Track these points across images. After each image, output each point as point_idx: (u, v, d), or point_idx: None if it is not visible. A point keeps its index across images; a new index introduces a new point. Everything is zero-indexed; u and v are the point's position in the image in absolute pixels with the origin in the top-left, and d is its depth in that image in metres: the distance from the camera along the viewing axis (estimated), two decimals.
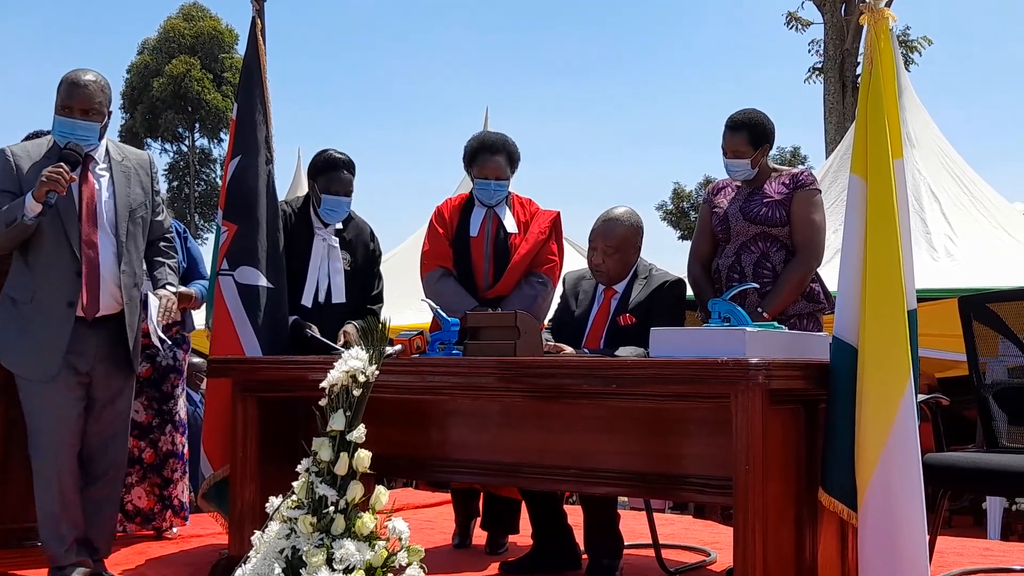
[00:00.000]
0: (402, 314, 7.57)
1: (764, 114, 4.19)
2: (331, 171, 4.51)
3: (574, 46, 57.04)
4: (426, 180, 52.20)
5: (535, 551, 4.24)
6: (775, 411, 2.80)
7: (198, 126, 36.48)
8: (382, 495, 3.08)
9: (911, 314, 2.89)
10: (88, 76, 3.82)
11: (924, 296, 6.90)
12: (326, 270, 4.52)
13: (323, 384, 3.09)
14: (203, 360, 5.45)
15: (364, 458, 3.04)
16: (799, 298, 4.06)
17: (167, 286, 3.98)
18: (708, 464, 3.10)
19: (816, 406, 2.99)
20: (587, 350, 3.98)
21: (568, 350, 3.84)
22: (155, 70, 35.01)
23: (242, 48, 4.75)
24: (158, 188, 4.06)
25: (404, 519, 3.09)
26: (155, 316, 3.84)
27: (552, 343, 3.91)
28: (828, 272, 4.09)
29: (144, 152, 4.06)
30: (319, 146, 4.66)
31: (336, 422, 3.05)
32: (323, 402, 3.11)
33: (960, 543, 4.97)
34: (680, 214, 31.07)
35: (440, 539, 4.93)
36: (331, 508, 3.01)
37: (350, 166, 4.56)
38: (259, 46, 4.43)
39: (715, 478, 3.06)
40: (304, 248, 4.49)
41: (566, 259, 4.82)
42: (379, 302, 4.69)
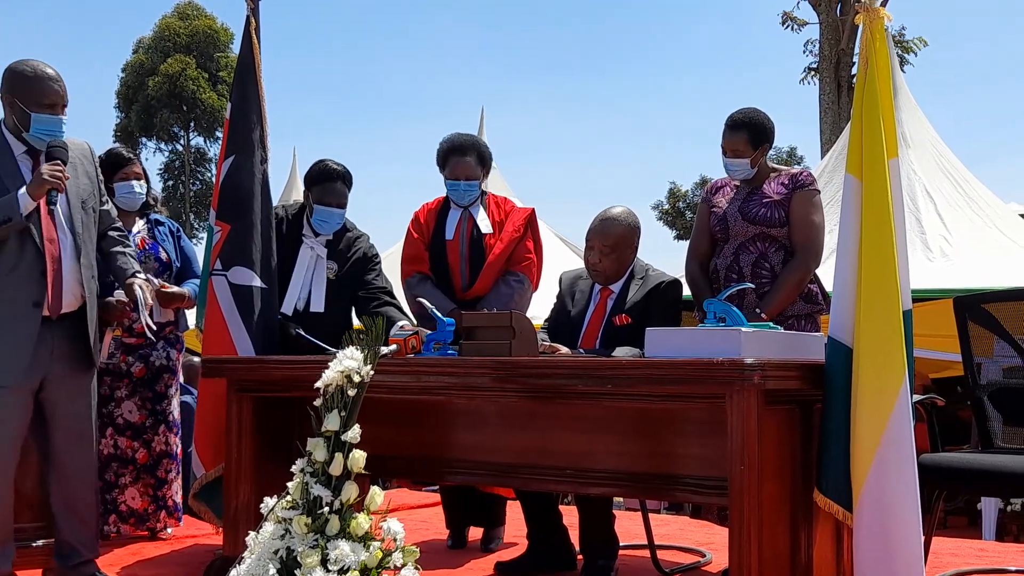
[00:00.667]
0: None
1: (764, 114, 4.18)
2: (325, 182, 4.51)
3: (570, 45, 57.10)
4: (422, 179, 52.27)
5: (530, 551, 4.23)
6: (770, 412, 2.79)
7: (193, 125, 36.43)
8: (377, 496, 3.07)
9: (906, 314, 2.89)
10: (51, 70, 3.75)
11: (919, 296, 6.90)
12: (309, 279, 4.50)
13: (318, 384, 3.08)
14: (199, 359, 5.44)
15: (359, 458, 3.03)
16: (797, 299, 4.06)
17: (136, 274, 3.93)
18: (704, 464, 3.09)
19: (812, 407, 2.99)
20: (583, 350, 3.98)
21: (564, 350, 3.84)
22: (150, 69, 34.95)
23: (237, 47, 4.74)
24: (101, 176, 4.01)
25: (399, 520, 3.08)
26: (143, 307, 3.81)
27: (548, 343, 3.90)
28: (824, 272, 4.09)
29: (82, 140, 3.95)
30: (314, 145, 4.72)
31: (331, 422, 3.04)
32: (318, 402, 3.10)
33: (955, 544, 4.97)
34: (676, 214, 31.11)
35: (435, 539, 4.93)
36: (326, 509, 3.00)
37: (345, 178, 4.54)
38: (253, 45, 4.42)
39: (710, 478, 3.05)
40: (292, 255, 4.48)
41: (560, 258, 4.83)
42: (393, 295, 4.67)
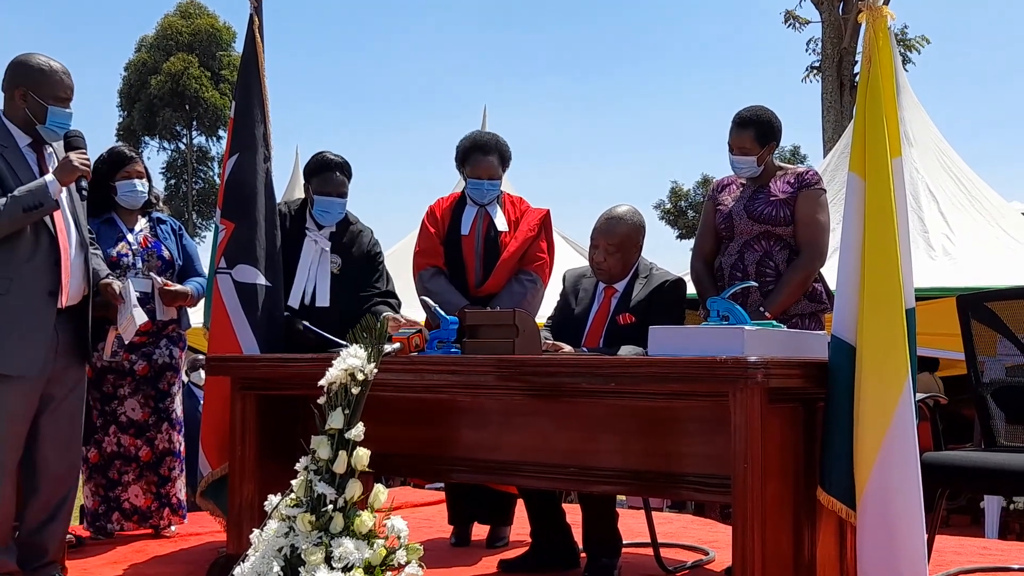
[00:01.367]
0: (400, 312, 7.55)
1: (772, 112, 4.18)
2: (324, 172, 4.53)
3: (572, 45, 57.08)
4: (424, 178, 52.26)
5: (534, 549, 4.23)
6: (774, 410, 2.80)
7: (195, 124, 36.48)
8: (381, 493, 3.08)
9: (909, 312, 2.89)
10: (61, 65, 3.79)
11: (922, 295, 6.88)
12: (314, 273, 4.53)
13: (322, 382, 3.08)
14: (202, 356, 5.46)
15: (363, 456, 3.03)
16: (801, 298, 4.06)
17: (108, 275, 4.07)
18: (707, 463, 3.09)
19: (815, 405, 2.99)
20: (586, 349, 3.98)
21: (567, 349, 3.84)
22: (152, 68, 35.00)
23: (240, 46, 4.75)
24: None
25: (403, 517, 3.09)
26: (132, 300, 3.84)
27: (551, 341, 3.91)
28: (827, 270, 4.09)
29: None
30: (317, 144, 4.76)
31: (335, 420, 3.05)
32: (322, 400, 3.11)
33: (958, 542, 4.97)
34: (678, 213, 31.12)
35: (439, 537, 4.93)
36: (330, 506, 3.01)
37: (344, 168, 4.56)
38: (257, 43, 4.42)
39: (714, 477, 3.05)
40: (296, 250, 4.49)
41: (564, 257, 4.84)
42: (392, 295, 4.70)
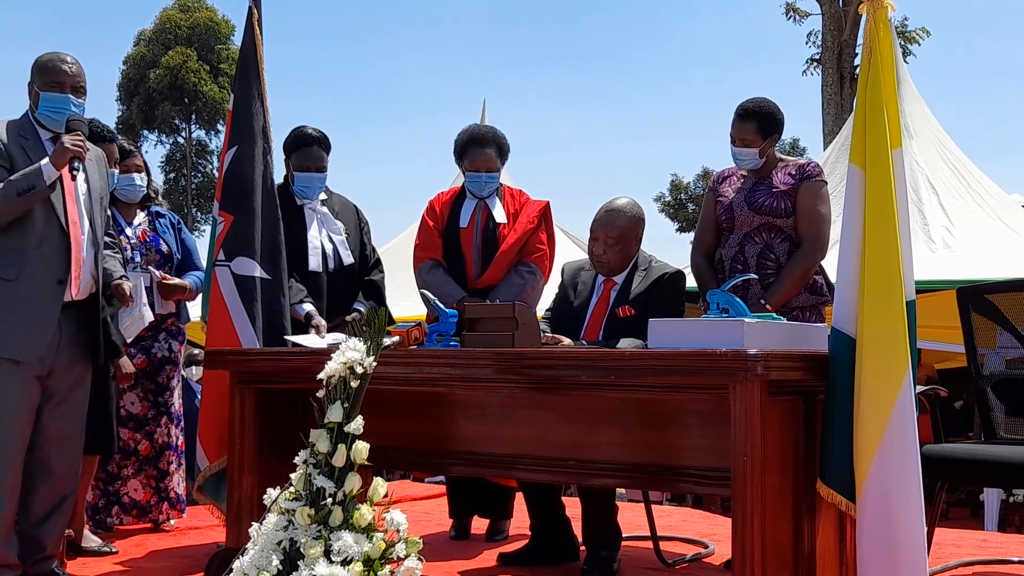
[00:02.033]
0: (399, 306, 7.57)
1: (774, 104, 4.17)
2: (304, 147, 4.60)
3: (572, 38, 57.00)
4: (424, 173, 52.21)
5: (533, 542, 4.23)
6: (774, 402, 2.79)
7: (194, 118, 36.44)
8: (380, 487, 3.07)
9: (910, 305, 2.88)
10: (68, 57, 3.83)
11: (922, 288, 6.86)
12: (326, 235, 4.61)
13: (321, 375, 3.08)
14: (200, 351, 5.45)
15: (362, 450, 3.03)
16: (802, 290, 4.06)
17: (123, 277, 4.05)
18: (706, 455, 3.08)
19: (815, 397, 2.98)
20: (585, 342, 3.97)
21: (566, 341, 3.83)
22: (151, 61, 34.96)
23: (239, 39, 4.74)
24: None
25: (402, 511, 3.08)
26: (142, 299, 3.83)
27: (550, 334, 3.90)
28: (828, 263, 4.09)
29: (97, 147, 4.02)
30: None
31: (334, 414, 3.04)
32: (321, 393, 3.10)
33: (957, 535, 4.98)
34: (678, 206, 31.09)
35: (438, 530, 4.93)
36: (329, 500, 3.00)
37: (322, 142, 4.63)
38: (256, 36, 4.41)
39: (713, 469, 3.04)
40: (297, 222, 4.53)
41: (563, 250, 4.84)
42: (379, 269, 4.80)
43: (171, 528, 4.86)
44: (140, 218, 4.79)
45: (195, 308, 4.99)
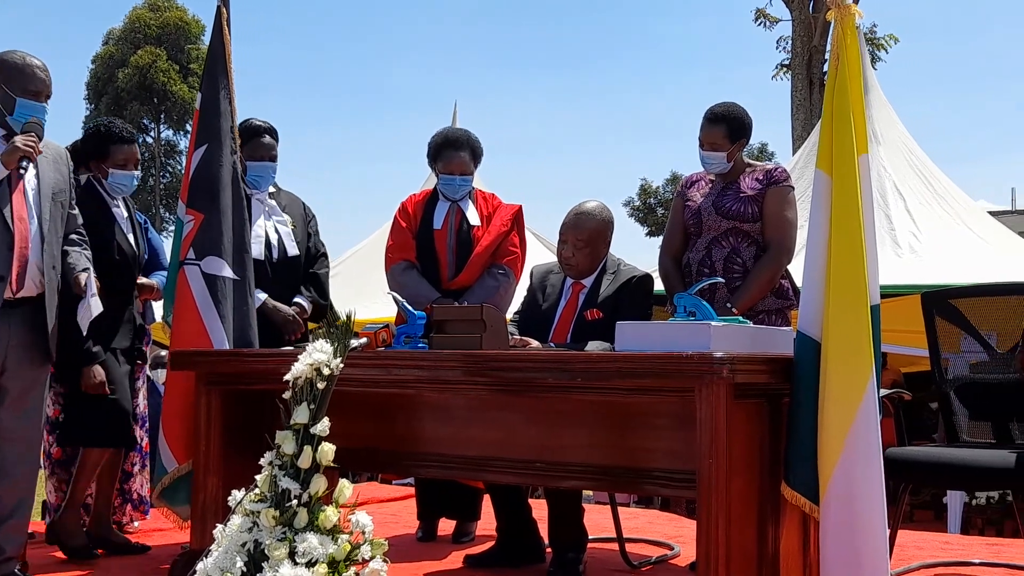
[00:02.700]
0: (368, 308, 7.55)
1: (743, 108, 4.20)
2: (255, 138, 4.61)
3: (543, 42, 57.11)
4: (394, 174, 52.13)
5: (499, 544, 4.24)
6: (739, 405, 2.81)
7: (163, 117, 36.22)
8: (346, 488, 3.06)
9: (874, 309, 2.90)
10: (39, 61, 3.82)
11: (889, 292, 6.96)
12: (272, 226, 4.63)
13: (287, 377, 3.06)
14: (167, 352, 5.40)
15: (328, 451, 3.02)
16: (768, 294, 4.08)
17: (85, 270, 3.92)
18: (673, 458, 3.10)
19: (780, 400, 3.01)
20: (553, 344, 3.98)
21: (534, 344, 3.84)
22: (120, 61, 34.73)
23: (208, 39, 4.73)
24: (74, 182, 4.04)
25: (369, 513, 3.08)
26: (92, 290, 3.79)
27: (518, 337, 3.91)
28: (795, 267, 4.12)
29: (60, 146, 4.01)
30: (283, 136, 4.70)
31: (300, 415, 3.03)
32: (287, 395, 3.09)
33: (920, 537, 5.02)
34: (647, 210, 31.21)
35: (405, 532, 4.92)
36: (294, 501, 2.99)
37: (272, 132, 4.67)
38: (224, 35, 4.38)
39: (679, 472, 3.06)
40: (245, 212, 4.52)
41: (532, 253, 4.85)
42: (324, 263, 4.83)
43: (136, 530, 4.82)
44: None
45: (159, 308, 4.95)
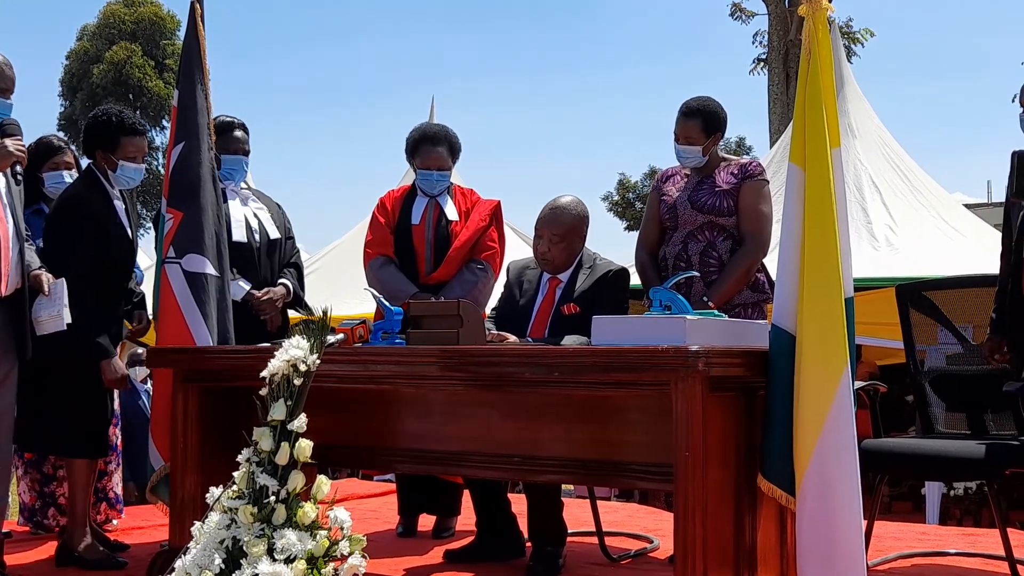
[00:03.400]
0: (346, 303, 7.54)
1: (718, 103, 4.23)
2: (227, 132, 4.63)
3: (520, 36, 57.06)
4: (370, 170, 51.92)
5: (479, 539, 4.24)
6: (715, 398, 2.82)
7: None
8: (324, 485, 3.06)
9: (848, 302, 2.92)
10: (2, 57, 3.79)
11: (865, 285, 7.01)
12: (251, 211, 4.65)
13: (264, 374, 3.06)
14: (144, 350, 5.38)
15: (305, 448, 3.02)
16: (744, 288, 4.10)
17: (40, 268, 3.90)
18: (649, 451, 3.11)
19: (755, 393, 3.02)
20: (531, 339, 3.99)
21: (512, 339, 3.85)
22: (95, 56, 34.44)
23: (183, 34, 4.71)
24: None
25: (348, 509, 3.08)
26: (63, 300, 3.77)
27: (495, 332, 3.91)
28: (769, 261, 4.14)
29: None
30: (262, 132, 4.72)
31: (277, 412, 3.02)
32: (264, 391, 3.08)
33: (898, 527, 5.06)
34: (626, 205, 31.19)
35: (385, 528, 4.93)
36: (272, 498, 2.98)
37: (243, 127, 4.70)
38: (199, 30, 4.37)
39: (656, 465, 3.08)
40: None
41: (511, 248, 4.87)
42: (298, 256, 4.85)
43: (113, 528, 4.80)
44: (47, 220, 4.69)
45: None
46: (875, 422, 3.98)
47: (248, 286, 4.48)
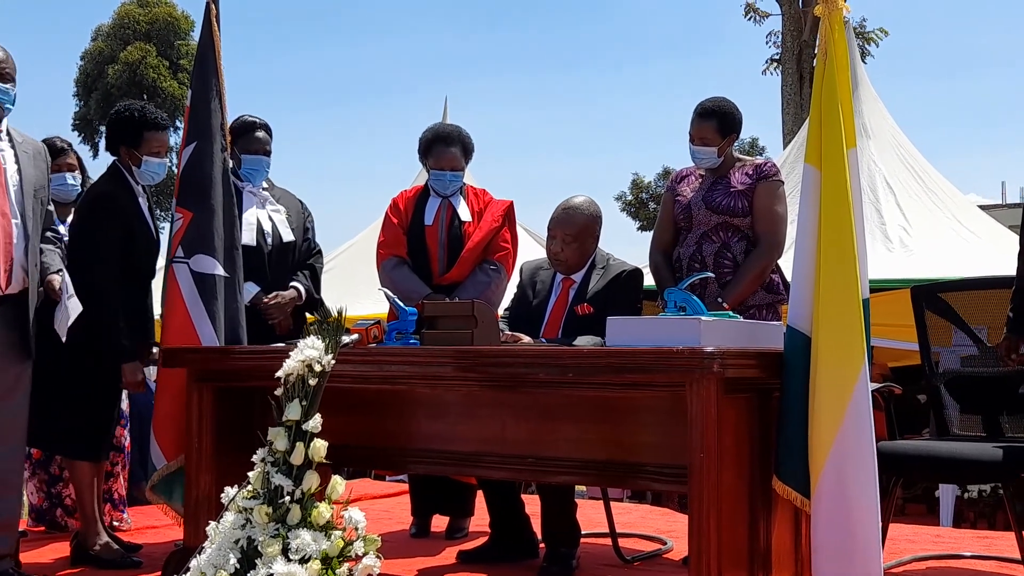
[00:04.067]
0: (360, 303, 7.54)
1: (733, 103, 4.22)
2: (249, 132, 4.64)
3: (532, 36, 57.03)
4: (384, 170, 51.94)
5: (492, 540, 4.24)
6: (730, 400, 2.81)
7: None
8: (338, 485, 3.07)
9: (864, 303, 2.91)
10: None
11: (880, 287, 6.97)
12: (266, 214, 4.63)
13: (279, 373, 3.07)
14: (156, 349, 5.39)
15: (320, 448, 3.02)
16: (759, 289, 4.09)
17: (59, 271, 3.88)
18: (664, 452, 3.11)
19: (770, 395, 3.01)
20: (545, 340, 3.99)
21: (525, 339, 3.84)
22: (109, 57, 34.55)
23: (198, 35, 4.72)
24: (51, 177, 4.02)
25: (362, 509, 3.08)
26: (68, 291, 3.76)
27: (509, 332, 3.91)
28: (784, 262, 4.13)
29: (39, 141, 3.98)
30: (275, 132, 4.72)
31: (292, 412, 3.03)
32: (279, 391, 3.09)
33: (912, 530, 5.04)
34: (639, 204, 31.15)
35: (398, 528, 4.93)
36: (287, 498, 2.99)
37: (267, 128, 4.70)
38: (213, 31, 4.37)
39: (670, 466, 3.07)
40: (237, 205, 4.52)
41: (525, 248, 4.87)
42: (319, 259, 4.84)
43: (129, 528, 4.80)
44: (74, 218, 4.69)
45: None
46: (890, 424, 3.96)
47: (256, 290, 4.47)
